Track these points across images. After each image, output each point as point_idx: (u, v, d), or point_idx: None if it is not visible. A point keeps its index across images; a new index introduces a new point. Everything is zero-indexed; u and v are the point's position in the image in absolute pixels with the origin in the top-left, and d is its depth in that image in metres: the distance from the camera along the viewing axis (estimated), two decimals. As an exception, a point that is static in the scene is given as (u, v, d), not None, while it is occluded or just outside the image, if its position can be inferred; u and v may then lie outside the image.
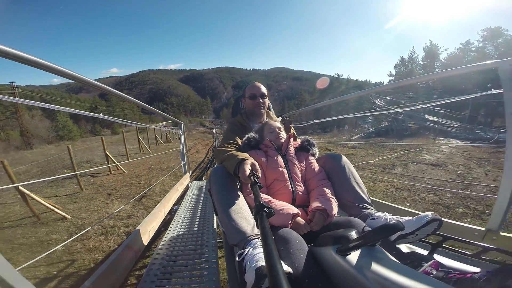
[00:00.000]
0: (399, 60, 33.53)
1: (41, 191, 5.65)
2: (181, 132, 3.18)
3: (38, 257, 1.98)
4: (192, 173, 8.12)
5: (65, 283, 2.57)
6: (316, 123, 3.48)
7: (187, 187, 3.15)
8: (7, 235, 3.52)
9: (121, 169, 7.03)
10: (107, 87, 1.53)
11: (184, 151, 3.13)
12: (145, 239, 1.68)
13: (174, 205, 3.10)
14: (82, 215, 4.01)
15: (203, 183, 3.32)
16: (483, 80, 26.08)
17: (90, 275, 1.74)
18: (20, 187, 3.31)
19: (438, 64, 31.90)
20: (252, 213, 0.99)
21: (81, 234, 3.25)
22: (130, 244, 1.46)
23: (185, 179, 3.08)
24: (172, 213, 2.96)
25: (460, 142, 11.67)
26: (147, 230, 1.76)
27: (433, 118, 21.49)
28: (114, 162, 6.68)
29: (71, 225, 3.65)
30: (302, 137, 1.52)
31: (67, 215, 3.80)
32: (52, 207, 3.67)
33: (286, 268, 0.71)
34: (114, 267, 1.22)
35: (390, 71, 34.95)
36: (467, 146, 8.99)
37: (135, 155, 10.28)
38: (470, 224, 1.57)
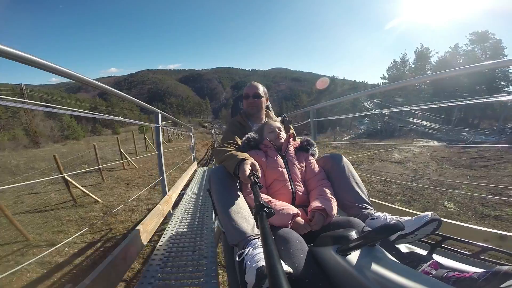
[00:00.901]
0: (391, 63, 34.76)
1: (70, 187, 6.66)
2: (192, 134, 4.33)
3: (84, 229, 2.94)
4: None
5: (109, 243, 3.55)
6: (304, 125, 3.91)
7: (195, 171, 4.29)
8: (54, 215, 4.52)
9: (133, 164, 8.03)
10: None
11: (194, 147, 4.26)
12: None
13: (182, 190, 4.14)
14: (109, 199, 5.01)
15: (205, 168, 4.45)
16: (470, 83, 27.27)
17: (123, 238, 2.58)
18: (66, 176, 4.31)
19: (429, 67, 33.03)
20: (252, 213, 0.99)
21: (114, 211, 4.27)
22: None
23: (194, 165, 4.24)
24: (181, 196, 3.99)
25: (437, 143, 12.80)
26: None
27: (416, 121, 22.61)
28: (127, 159, 7.70)
29: (103, 206, 4.65)
30: (302, 137, 1.53)
31: (98, 199, 4.82)
32: (88, 192, 4.69)
33: (286, 268, 0.72)
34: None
35: (383, 74, 36.14)
36: (438, 146, 10.06)
37: (142, 153, 11.30)
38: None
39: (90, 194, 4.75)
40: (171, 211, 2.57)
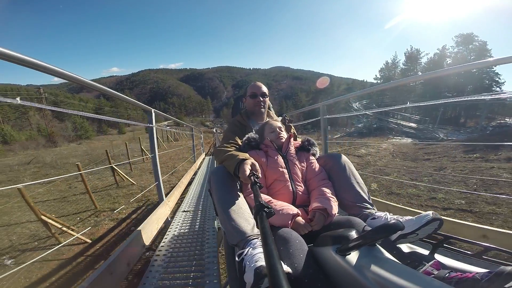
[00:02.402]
0: (383, 64, 36.43)
1: (103, 173, 8.61)
2: (201, 134, 6.42)
3: (132, 199, 4.81)
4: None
5: (149, 206, 5.37)
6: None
7: (204, 159, 6.34)
8: (106, 194, 6.42)
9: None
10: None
11: (202, 143, 6.29)
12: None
13: (194, 174, 6.03)
14: (141, 182, 6.88)
15: (210, 156, 6.45)
16: (454, 85, 28.89)
17: (155, 207, 4.46)
18: (114, 166, 6.20)
19: (419, 68, 34.56)
20: (252, 213, 1.00)
21: (148, 190, 6.17)
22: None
23: (203, 155, 6.37)
24: (193, 176, 5.87)
25: (410, 140, 14.65)
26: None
27: (393, 120, 24.49)
28: (147, 154, 9.62)
29: (139, 186, 6.53)
30: (303, 136, 1.53)
31: (134, 182, 6.74)
32: (128, 178, 6.60)
33: (286, 268, 0.73)
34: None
35: (375, 75, 37.81)
36: (405, 143, 11.90)
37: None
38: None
39: (129, 179, 6.67)
40: (196, 172, 4.65)
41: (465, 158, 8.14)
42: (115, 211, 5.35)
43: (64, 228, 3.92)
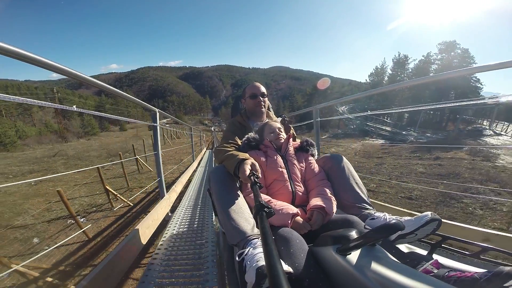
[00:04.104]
0: (373, 69, 38.65)
1: (124, 163, 10.81)
2: (203, 134, 8.62)
3: (153, 182, 7.00)
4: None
5: (167, 184, 7.66)
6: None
7: (205, 152, 8.59)
8: (132, 177, 8.60)
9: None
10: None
11: (204, 139, 8.50)
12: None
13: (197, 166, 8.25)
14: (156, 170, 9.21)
15: (209, 150, 8.70)
16: (437, 89, 31.14)
17: (172, 184, 6.70)
18: (138, 157, 8.35)
19: (406, 73, 36.75)
20: (252, 213, 1.02)
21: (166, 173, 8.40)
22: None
23: (204, 149, 8.54)
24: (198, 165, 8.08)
25: (381, 141, 16.96)
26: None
27: (370, 124, 26.86)
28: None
29: (155, 173, 8.80)
30: (302, 137, 1.56)
31: (151, 169, 8.95)
32: (147, 166, 8.79)
33: (286, 267, 0.74)
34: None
35: (365, 79, 40.01)
36: (374, 144, 14.20)
37: (162, 146, 15.47)
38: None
39: (148, 167, 8.94)
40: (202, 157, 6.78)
41: (407, 156, 10.43)
42: (143, 189, 7.58)
43: (118, 196, 6.15)
